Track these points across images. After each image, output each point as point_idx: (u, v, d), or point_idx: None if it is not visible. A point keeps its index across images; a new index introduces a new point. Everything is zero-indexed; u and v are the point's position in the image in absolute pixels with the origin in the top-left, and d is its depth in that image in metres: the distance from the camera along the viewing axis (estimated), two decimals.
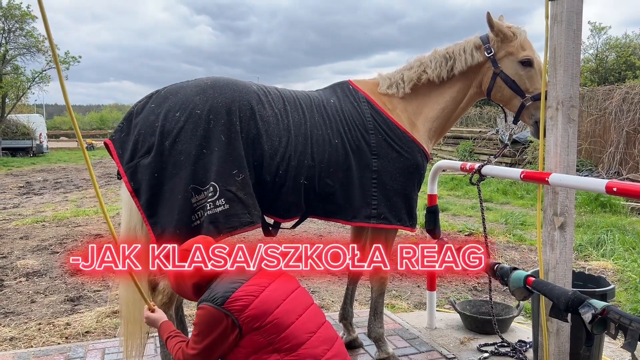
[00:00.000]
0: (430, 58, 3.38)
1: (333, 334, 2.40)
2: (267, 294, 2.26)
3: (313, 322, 2.34)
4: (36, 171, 20.81)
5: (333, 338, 2.37)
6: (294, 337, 2.22)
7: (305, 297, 2.44)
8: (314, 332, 2.29)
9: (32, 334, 4.23)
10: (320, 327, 2.34)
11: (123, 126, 2.90)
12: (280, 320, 2.22)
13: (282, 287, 2.35)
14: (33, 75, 32.43)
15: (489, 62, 3.28)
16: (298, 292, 2.40)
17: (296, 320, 2.27)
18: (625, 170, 13.25)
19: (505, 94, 3.29)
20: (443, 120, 3.45)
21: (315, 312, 2.42)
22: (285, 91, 3.19)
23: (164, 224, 2.75)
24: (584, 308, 2.35)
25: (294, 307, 2.31)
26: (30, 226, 8.94)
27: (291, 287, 2.40)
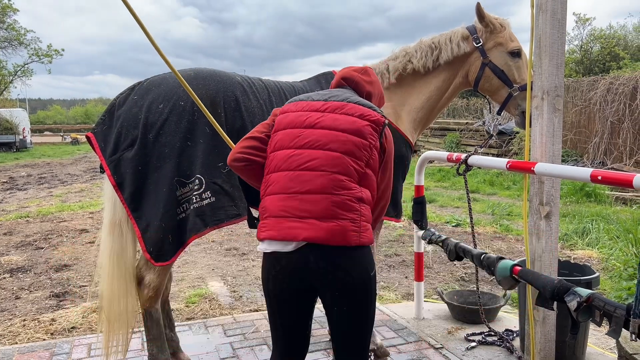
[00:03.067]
0: (416, 48, 3.37)
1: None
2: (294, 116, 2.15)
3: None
4: (20, 166, 20.52)
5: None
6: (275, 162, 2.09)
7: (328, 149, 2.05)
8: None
9: (17, 331, 4.18)
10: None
11: (105, 119, 2.85)
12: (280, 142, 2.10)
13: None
14: (15, 69, 31.96)
15: (477, 52, 3.28)
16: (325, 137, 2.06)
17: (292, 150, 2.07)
18: (610, 160, 13.40)
19: (493, 84, 3.29)
20: (427, 111, 3.43)
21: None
22: (270, 82, 3.16)
23: (149, 218, 2.73)
24: (569, 296, 2.37)
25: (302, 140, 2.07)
26: (14, 222, 8.82)
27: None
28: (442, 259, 6.28)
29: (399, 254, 6.62)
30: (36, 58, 32.27)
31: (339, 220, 1.95)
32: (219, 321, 4.18)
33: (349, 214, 1.96)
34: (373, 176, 2.08)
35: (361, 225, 1.98)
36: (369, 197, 2.05)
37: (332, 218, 1.95)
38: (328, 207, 1.95)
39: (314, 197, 1.97)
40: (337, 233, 1.93)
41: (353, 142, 2.04)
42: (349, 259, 1.97)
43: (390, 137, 2.17)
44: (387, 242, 7.22)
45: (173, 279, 5.26)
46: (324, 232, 1.93)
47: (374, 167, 2.08)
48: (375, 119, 2.10)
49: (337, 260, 1.95)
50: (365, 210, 2.02)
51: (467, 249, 3.24)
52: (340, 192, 1.97)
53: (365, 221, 2.01)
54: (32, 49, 31.96)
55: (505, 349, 3.60)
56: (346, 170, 2.00)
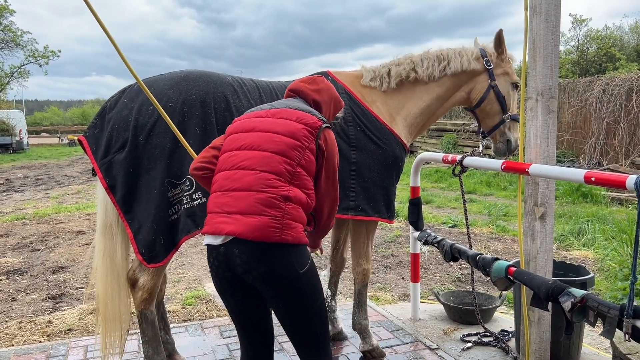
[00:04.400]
0: (422, 57, 3.46)
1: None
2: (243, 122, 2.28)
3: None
4: (16, 168, 20.47)
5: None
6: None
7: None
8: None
9: (13, 333, 4.17)
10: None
11: (97, 122, 2.86)
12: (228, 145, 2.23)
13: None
14: (12, 70, 31.88)
15: (486, 74, 3.44)
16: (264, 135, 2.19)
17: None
18: (606, 160, 13.44)
19: (494, 108, 3.47)
20: (425, 117, 3.53)
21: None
22: (262, 82, 3.17)
23: (141, 220, 2.73)
24: (563, 297, 2.38)
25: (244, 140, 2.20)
26: (10, 224, 8.80)
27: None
28: (439, 259, 6.29)
29: (395, 255, 6.63)
30: (33, 59, 32.22)
31: (260, 217, 2.01)
32: (215, 323, 4.18)
33: (271, 211, 2.02)
34: (307, 177, 2.15)
35: (284, 223, 2.02)
36: (299, 197, 2.09)
37: (255, 214, 2.01)
38: (252, 204, 2.03)
39: (241, 194, 2.07)
40: (257, 228, 1.99)
41: (285, 142, 2.12)
42: (269, 255, 2.01)
43: (331, 139, 2.25)
44: (384, 243, 7.23)
45: (169, 281, 5.26)
46: (245, 227, 2.00)
47: (308, 167, 2.14)
48: (311, 122, 2.19)
49: (258, 255, 2.01)
50: (291, 209, 2.06)
51: (462, 250, 3.25)
52: (266, 190, 2.04)
53: (290, 219, 2.04)
54: (28, 50, 31.92)
55: (501, 349, 3.61)
56: (275, 168, 2.08)
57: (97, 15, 2.38)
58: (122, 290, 2.95)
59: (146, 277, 2.87)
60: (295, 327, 2.15)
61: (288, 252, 2.04)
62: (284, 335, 3.86)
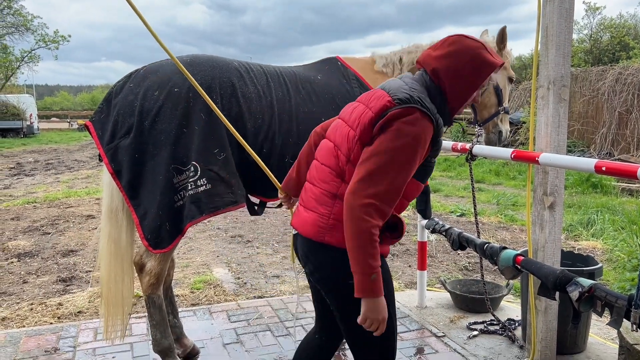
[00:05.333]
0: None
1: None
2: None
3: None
4: (27, 152, 20.63)
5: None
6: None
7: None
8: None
9: (25, 314, 4.23)
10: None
11: (103, 107, 2.86)
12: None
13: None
14: (22, 55, 31.98)
15: None
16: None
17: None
18: (617, 151, 13.32)
19: (491, 100, 3.48)
20: None
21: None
22: (269, 67, 3.13)
23: (147, 205, 2.73)
24: (571, 286, 2.37)
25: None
26: (21, 207, 8.89)
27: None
28: (446, 248, 6.29)
29: (402, 243, 6.63)
30: (43, 44, 32.24)
31: (311, 212, 1.93)
32: (223, 307, 4.22)
33: (320, 208, 1.91)
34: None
35: (330, 223, 1.87)
36: None
37: (309, 209, 1.95)
38: (309, 198, 1.97)
39: (307, 185, 2.03)
40: (306, 224, 1.93)
41: (344, 132, 1.92)
42: (315, 255, 1.93)
43: (398, 129, 1.74)
44: None
45: (178, 265, 5.31)
46: (300, 220, 1.98)
47: (356, 162, 1.83)
48: (377, 105, 1.82)
49: (307, 252, 1.96)
50: (339, 209, 1.85)
51: (470, 238, 3.24)
52: (319, 184, 1.95)
53: (336, 220, 1.86)
54: (38, 34, 31.91)
55: (507, 338, 3.62)
56: (331, 162, 1.94)
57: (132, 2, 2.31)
58: (126, 274, 2.97)
59: (153, 262, 2.89)
60: (341, 326, 2.02)
61: (333, 256, 1.88)
62: (290, 320, 3.90)
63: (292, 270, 5.46)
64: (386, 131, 1.75)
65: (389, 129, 1.75)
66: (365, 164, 1.74)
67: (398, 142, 1.72)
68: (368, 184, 1.70)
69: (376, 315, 1.75)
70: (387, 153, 1.72)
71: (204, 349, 3.45)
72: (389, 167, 1.71)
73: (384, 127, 1.76)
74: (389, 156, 1.72)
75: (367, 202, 1.68)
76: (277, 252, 6.19)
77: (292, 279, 5.15)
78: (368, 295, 1.73)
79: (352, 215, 1.70)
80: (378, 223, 1.71)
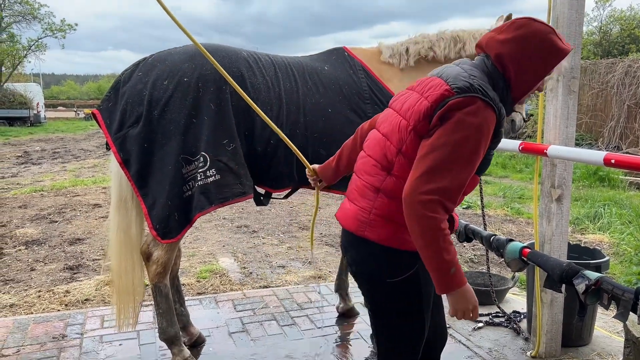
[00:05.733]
0: (439, 37, 3.42)
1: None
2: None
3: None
4: (34, 141, 20.73)
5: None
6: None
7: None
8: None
9: (32, 301, 4.27)
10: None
11: (110, 95, 2.84)
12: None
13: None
14: (29, 43, 32.04)
15: None
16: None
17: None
18: (625, 144, 13.23)
19: None
20: None
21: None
22: (277, 57, 3.12)
23: (155, 195, 2.73)
24: (577, 279, 2.37)
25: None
26: (28, 195, 8.95)
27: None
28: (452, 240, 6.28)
29: None
30: (50, 33, 32.31)
31: (353, 205, 1.87)
32: (229, 296, 4.25)
33: (361, 201, 1.84)
34: (410, 165, 1.71)
35: (371, 218, 1.78)
36: (394, 190, 1.76)
37: (352, 201, 1.90)
38: (352, 189, 1.92)
39: (353, 177, 1.97)
40: (347, 216, 1.88)
41: (396, 123, 1.80)
42: (354, 248, 1.88)
43: (460, 119, 1.62)
44: None
45: (184, 255, 5.33)
46: (343, 212, 1.93)
47: (410, 154, 1.73)
48: (434, 94, 1.70)
49: (347, 245, 1.93)
50: (383, 205, 1.77)
51: (476, 230, 3.24)
52: (363, 176, 1.86)
53: (379, 216, 1.77)
54: (45, 23, 32.00)
55: (512, 330, 3.62)
56: (377, 153, 1.84)
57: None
58: (136, 263, 2.99)
59: (160, 251, 2.90)
60: (373, 325, 1.99)
61: (372, 252, 1.81)
62: (296, 310, 3.92)
63: (298, 261, 5.48)
64: (446, 123, 1.63)
65: (449, 120, 1.63)
66: (425, 158, 1.62)
67: (460, 134, 1.61)
68: (429, 180, 1.59)
69: (466, 305, 1.69)
70: (448, 146, 1.60)
71: (210, 338, 3.47)
72: (451, 161, 1.60)
73: (444, 118, 1.64)
74: (450, 150, 1.60)
75: (429, 198, 1.58)
76: (283, 243, 6.21)
77: (297, 270, 5.17)
78: (452, 289, 1.66)
79: (415, 215, 1.60)
80: (444, 217, 1.62)
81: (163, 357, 3.18)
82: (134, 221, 2.94)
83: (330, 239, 6.39)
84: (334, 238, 6.37)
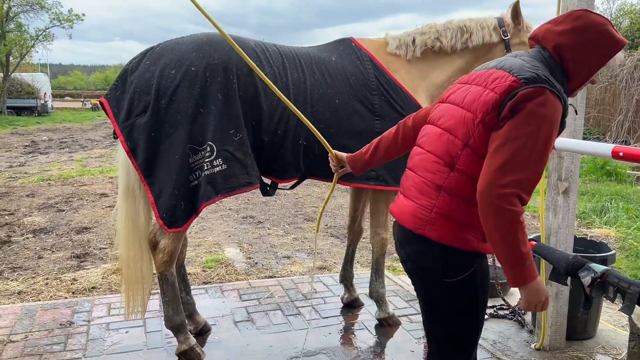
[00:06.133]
0: (445, 27, 3.39)
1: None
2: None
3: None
4: (41, 130, 20.83)
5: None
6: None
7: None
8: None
9: (40, 289, 4.32)
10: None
11: (118, 84, 2.84)
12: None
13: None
14: (37, 33, 32.07)
15: (502, 44, 3.37)
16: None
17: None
18: (633, 139, 13.14)
19: None
20: (444, 90, 3.46)
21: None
22: (284, 48, 3.11)
23: (162, 184, 2.74)
24: (583, 272, 2.36)
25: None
26: (36, 184, 9.00)
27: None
28: None
29: None
30: (57, 23, 32.29)
31: (411, 201, 1.84)
32: (234, 286, 4.27)
33: (421, 198, 1.80)
34: (477, 159, 1.70)
35: (431, 216, 1.75)
36: (460, 188, 1.73)
37: (410, 197, 1.86)
38: (410, 186, 1.88)
39: (409, 173, 1.93)
40: (406, 213, 1.84)
41: (459, 116, 1.76)
42: (412, 246, 1.84)
43: (531, 110, 1.61)
44: None
45: (190, 245, 5.36)
46: (399, 208, 1.90)
47: (481, 149, 1.69)
48: (502, 85, 1.68)
49: (404, 242, 1.89)
50: (445, 202, 1.74)
51: None
52: (422, 173, 1.83)
53: (440, 214, 1.74)
54: (53, 13, 31.97)
55: (517, 322, 3.62)
56: (438, 149, 1.80)
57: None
58: (144, 252, 3.01)
59: (167, 240, 2.91)
60: (427, 324, 1.96)
61: (432, 251, 1.78)
62: (301, 300, 3.94)
63: (303, 252, 5.49)
64: (517, 114, 1.62)
65: (520, 111, 1.62)
66: (499, 151, 1.60)
67: (533, 126, 1.60)
68: (506, 173, 1.57)
69: (539, 297, 1.68)
70: (523, 138, 1.59)
71: (216, 326, 3.50)
72: (527, 153, 1.59)
73: (514, 109, 1.63)
74: (525, 142, 1.59)
75: (507, 191, 1.56)
76: (288, 234, 6.23)
77: (302, 260, 5.19)
78: (527, 282, 1.64)
79: (493, 208, 1.58)
80: (522, 210, 1.60)
81: (169, 344, 3.21)
82: (141, 210, 2.95)
83: (336, 230, 6.40)
84: (339, 229, 6.38)
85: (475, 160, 1.69)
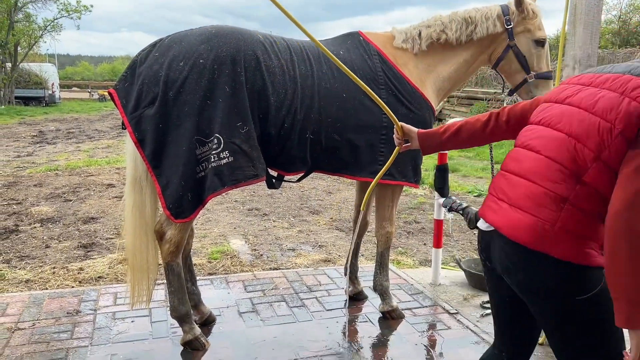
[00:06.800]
0: (450, 19, 3.36)
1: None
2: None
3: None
4: (49, 120, 20.93)
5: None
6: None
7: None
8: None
9: (47, 277, 4.36)
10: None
11: (127, 75, 2.86)
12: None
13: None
14: (45, 24, 32.16)
15: (505, 33, 3.33)
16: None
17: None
18: None
19: (512, 67, 3.37)
20: (453, 82, 3.49)
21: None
22: (292, 41, 3.12)
23: (169, 175, 2.77)
24: None
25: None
26: (43, 174, 9.07)
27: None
28: (462, 228, 6.28)
29: (418, 222, 6.65)
30: (65, 13, 32.36)
31: (526, 214, 1.64)
32: (239, 277, 4.30)
33: (541, 211, 1.61)
34: (610, 174, 1.53)
35: (554, 231, 1.57)
36: (585, 201, 1.57)
37: (522, 209, 1.66)
38: (522, 195, 1.67)
39: (515, 179, 1.73)
40: (518, 227, 1.64)
41: (589, 122, 1.58)
42: (528, 263, 1.64)
43: None
44: (407, 210, 7.24)
45: (196, 236, 5.39)
46: (507, 221, 1.69)
47: (615, 162, 1.52)
48: None
49: (515, 260, 1.68)
50: (569, 216, 1.57)
51: None
52: (542, 182, 1.63)
53: (564, 229, 1.57)
54: (61, 3, 32.01)
55: None
56: (562, 156, 1.61)
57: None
58: (150, 242, 3.04)
59: (173, 230, 2.94)
60: (550, 338, 1.77)
61: (554, 268, 1.60)
62: (304, 292, 3.96)
63: (308, 244, 5.52)
64: None
65: None
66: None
67: None
68: None
69: None
70: None
71: (220, 317, 3.53)
72: None
73: None
74: None
75: None
76: (293, 226, 6.25)
77: (307, 253, 5.21)
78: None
79: (629, 236, 1.41)
80: None
81: (174, 334, 3.25)
82: (148, 200, 2.98)
83: (340, 223, 6.42)
84: (344, 223, 6.40)
85: (607, 175, 1.54)
